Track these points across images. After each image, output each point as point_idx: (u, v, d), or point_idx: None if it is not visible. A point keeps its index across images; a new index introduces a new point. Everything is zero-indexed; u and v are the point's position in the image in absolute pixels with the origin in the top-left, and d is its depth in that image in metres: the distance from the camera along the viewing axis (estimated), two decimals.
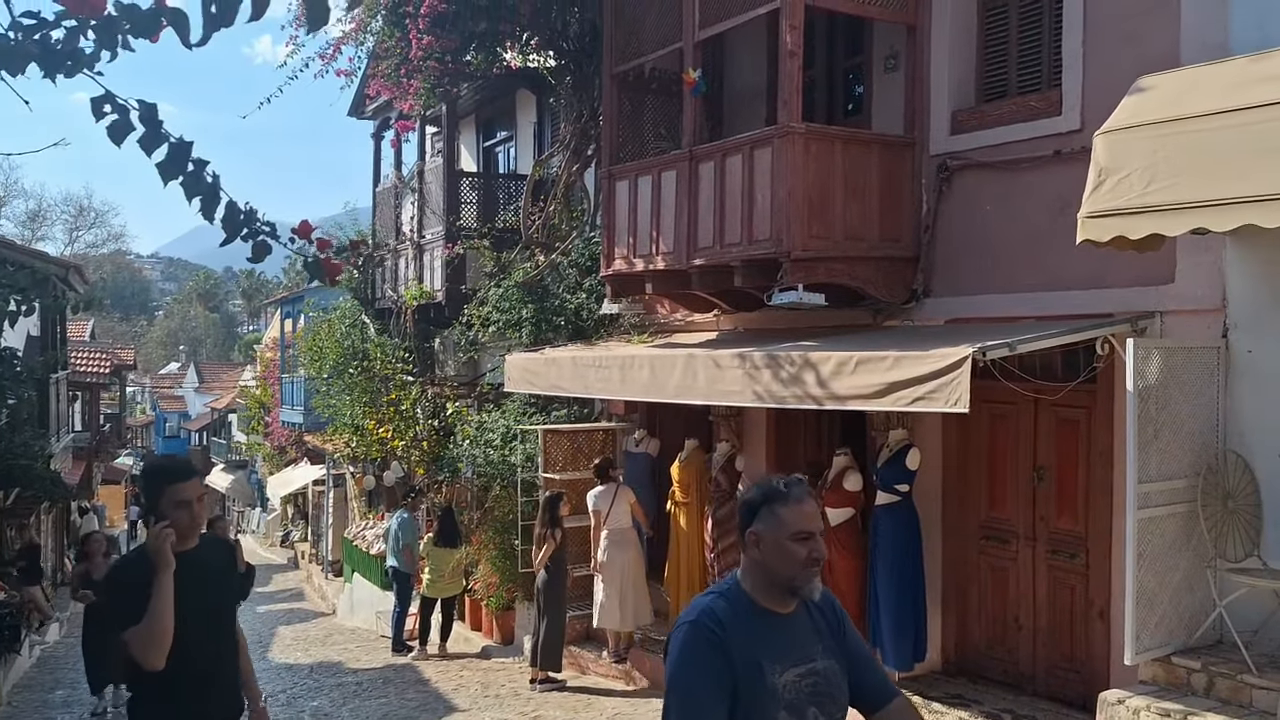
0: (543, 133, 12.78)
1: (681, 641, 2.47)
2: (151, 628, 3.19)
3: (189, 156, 2.25)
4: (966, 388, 5.44)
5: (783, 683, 2.44)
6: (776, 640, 2.48)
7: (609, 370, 8.43)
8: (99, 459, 25.04)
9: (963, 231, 7.25)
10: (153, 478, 3.40)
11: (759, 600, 2.52)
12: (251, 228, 2.37)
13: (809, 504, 2.56)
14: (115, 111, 2.17)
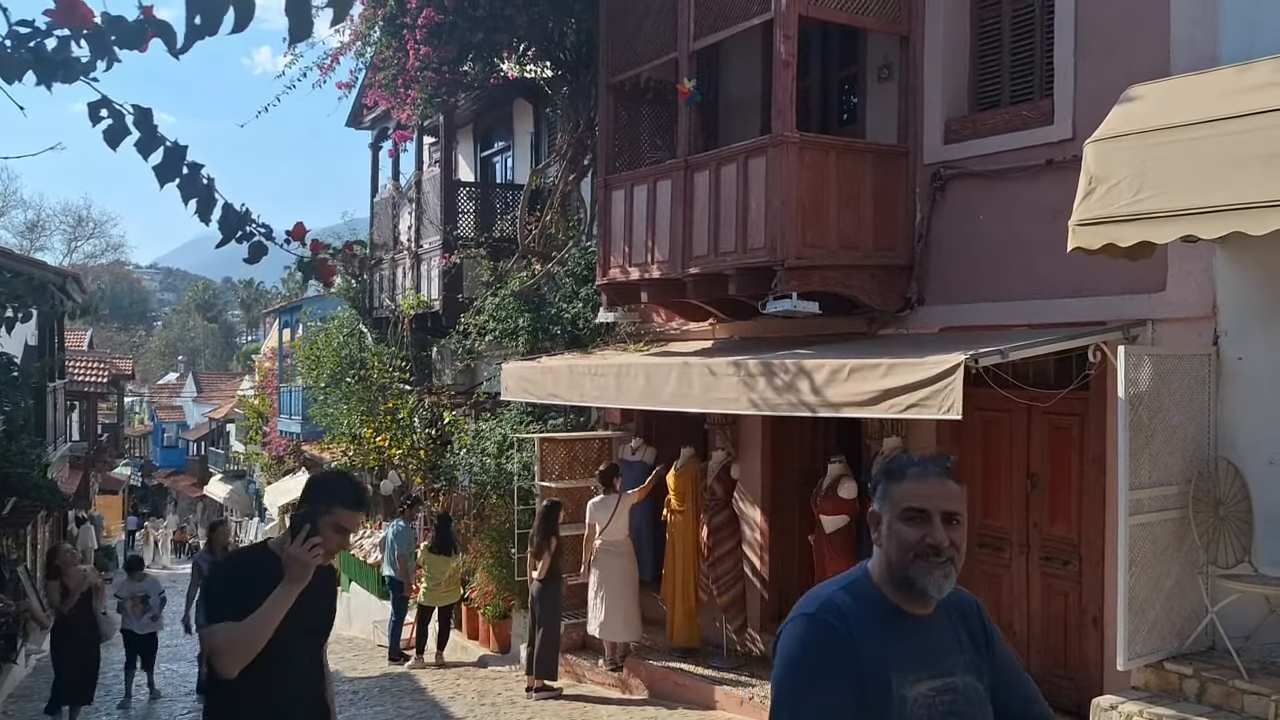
0: (539, 143, 12.84)
1: (796, 639, 2.09)
2: (247, 634, 2.97)
3: (184, 159, 2.28)
4: (959, 395, 5.48)
5: (913, 696, 2.06)
6: (909, 646, 2.10)
7: (605, 378, 8.46)
8: (96, 469, 25.02)
9: (956, 240, 7.29)
10: (328, 493, 3.16)
11: (888, 595, 2.14)
12: (247, 229, 2.39)
13: (934, 481, 2.13)
14: (111, 116, 2.20)
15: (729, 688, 7.98)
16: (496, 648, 11.24)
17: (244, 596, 3.00)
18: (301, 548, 3.01)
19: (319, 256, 2.49)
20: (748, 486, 8.98)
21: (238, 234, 2.38)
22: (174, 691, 10.90)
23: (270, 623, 2.98)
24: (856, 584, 2.16)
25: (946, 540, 2.08)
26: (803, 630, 2.08)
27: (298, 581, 3.02)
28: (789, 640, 2.09)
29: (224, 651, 2.97)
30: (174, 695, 10.70)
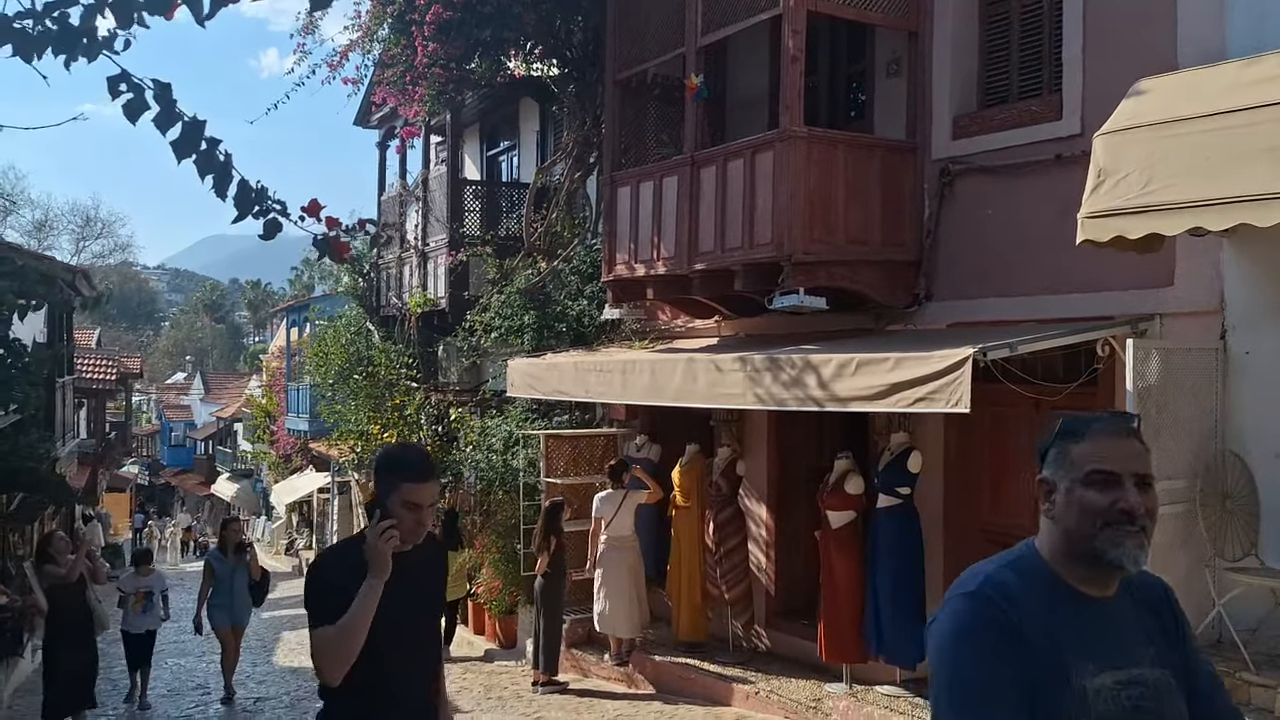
0: (545, 141, 12.86)
1: (955, 623, 1.83)
2: (341, 637, 2.75)
3: (202, 135, 2.30)
4: (968, 388, 5.48)
5: (1094, 688, 1.79)
6: (1088, 631, 1.84)
7: (610, 374, 8.47)
8: (105, 466, 25.10)
9: (964, 236, 7.29)
10: (389, 468, 2.91)
11: (1062, 574, 1.89)
12: (263, 205, 2.40)
13: (1121, 440, 1.89)
14: (130, 90, 2.21)
15: (735, 683, 7.98)
16: (502, 642, 11.26)
17: (341, 596, 2.78)
18: (375, 537, 2.79)
19: (333, 234, 2.50)
20: (753, 483, 8.98)
21: (253, 210, 2.39)
22: (181, 686, 10.92)
23: (360, 623, 2.76)
24: (1023, 561, 1.90)
25: (1141, 505, 1.83)
26: (963, 610, 1.82)
27: (380, 573, 2.79)
28: (946, 622, 1.84)
29: (319, 658, 2.79)
30: (181, 690, 10.72)
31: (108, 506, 31.78)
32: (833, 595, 7.35)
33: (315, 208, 2.44)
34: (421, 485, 2.86)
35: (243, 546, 9.92)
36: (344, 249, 2.56)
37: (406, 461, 2.94)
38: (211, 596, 9.64)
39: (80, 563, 8.68)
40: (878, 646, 7.13)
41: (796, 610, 8.78)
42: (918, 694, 6.95)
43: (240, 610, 9.72)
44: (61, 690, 8.43)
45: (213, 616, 9.65)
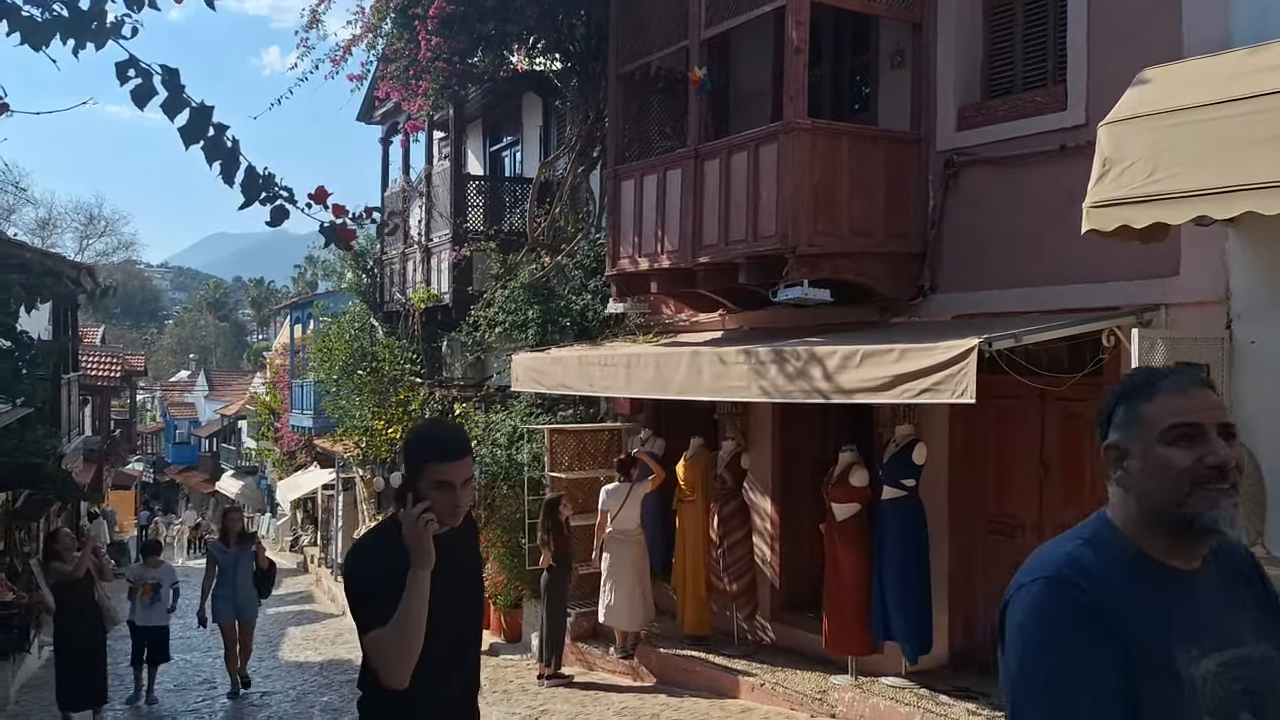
0: (548, 136, 12.85)
1: (1037, 611, 1.60)
2: (399, 638, 2.56)
3: (210, 121, 2.30)
4: (973, 378, 5.48)
5: (1202, 676, 1.58)
6: (1183, 610, 1.63)
7: (614, 368, 8.47)
8: (110, 463, 25.15)
9: (969, 227, 7.28)
10: (417, 448, 2.72)
11: (1144, 547, 1.68)
12: (270, 192, 2.40)
13: (1197, 390, 1.70)
14: (138, 75, 2.21)
15: (740, 675, 7.98)
16: (507, 636, 11.27)
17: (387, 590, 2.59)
18: (411, 523, 2.58)
19: (339, 221, 2.50)
20: (758, 476, 8.98)
21: (260, 197, 2.39)
22: (188, 681, 10.94)
23: (415, 619, 2.56)
24: (1099, 537, 1.70)
25: (1230, 458, 1.63)
26: (1044, 597, 1.60)
27: (424, 562, 2.58)
28: (1026, 613, 1.60)
29: (382, 664, 2.60)
30: (188, 684, 10.75)
31: (113, 504, 31.81)
32: (838, 588, 7.35)
33: (322, 195, 2.44)
34: (452, 463, 2.66)
35: (246, 535, 9.77)
36: (350, 236, 2.56)
37: (434, 439, 2.76)
38: (215, 588, 9.47)
39: (86, 559, 8.63)
40: (885, 636, 7.13)
41: (801, 603, 8.78)
42: (923, 685, 6.96)
43: (245, 603, 9.52)
44: (72, 686, 8.38)
45: (216, 609, 9.47)
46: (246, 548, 9.53)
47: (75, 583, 8.49)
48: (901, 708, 6.69)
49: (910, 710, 6.63)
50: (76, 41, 2.17)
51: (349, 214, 2.51)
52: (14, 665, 10.54)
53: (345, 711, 8.67)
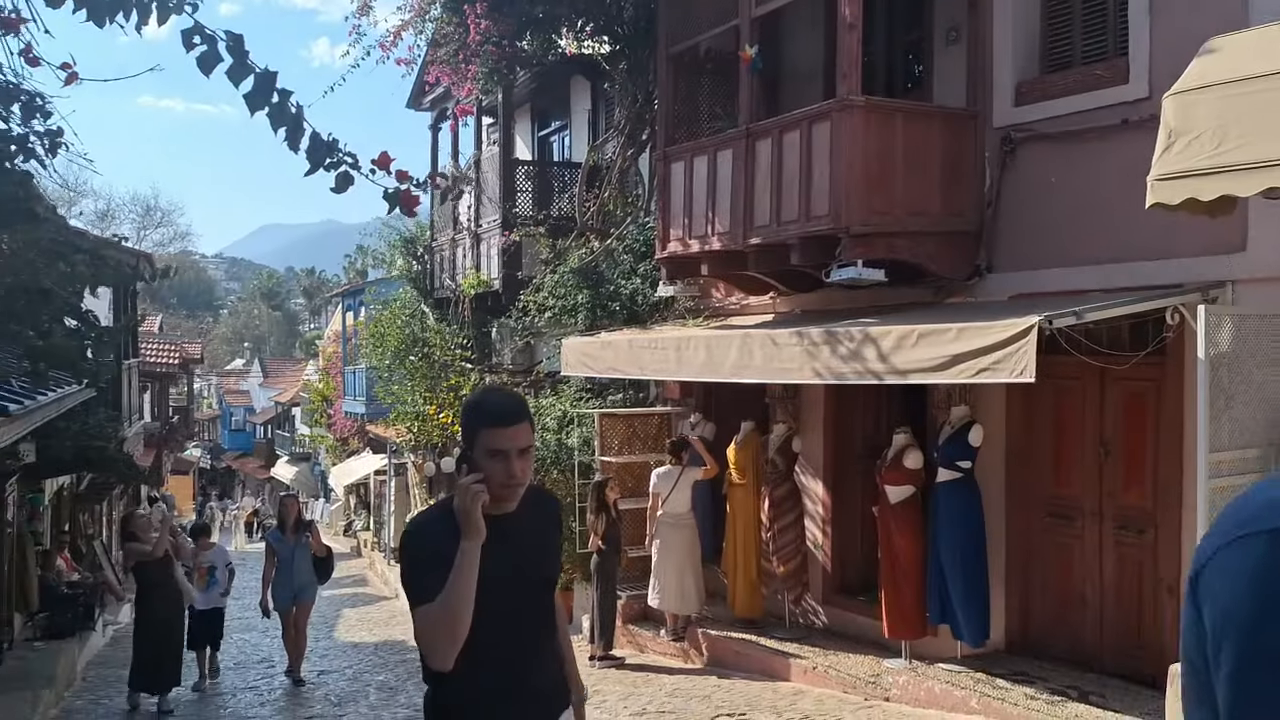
0: (597, 120, 12.83)
1: (1263, 572, 1.17)
2: (444, 614, 2.40)
3: (274, 87, 2.31)
4: (1032, 357, 5.38)
5: None
6: None
7: (665, 351, 8.45)
8: (169, 448, 25.70)
9: (1027, 205, 7.14)
10: (468, 416, 2.54)
11: None
12: (335, 157, 2.40)
13: None
14: (204, 42, 2.23)
15: (791, 658, 7.95)
16: None
17: (440, 567, 2.44)
18: (463, 495, 2.41)
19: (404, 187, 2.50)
20: (810, 459, 8.92)
21: (325, 162, 2.39)
22: (246, 659, 11.17)
23: (462, 596, 2.40)
24: None
25: None
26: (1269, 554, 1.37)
27: (472, 535, 2.42)
28: (1245, 572, 1.17)
29: (423, 640, 2.46)
30: (247, 663, 10.96)
31: (171, 489, 32.55)
32: (892, 571, 7.28)
33: (386, 160, 2.44)
34: (505, 429, 2.45)
35: (302, 523, 9.76)
36: (414, 202, 2.56)
37: (487, 405, 2.57)
38: (275, 575, 9.48)
39: (164, 539, 8.72)
40: (944, 619, 7.06)
41: (853, 587, 8.72)
42: (979, 670, 6.87)
43: (302, 588, 9.53)
44: (147, 668, 8.44)
45: (276, 596, 9.47)
46: (303, 535, 9.54)
47: (154, 563, 8.54)
48: (957, 691, 6.62)
49: (966, 694, 6.56)
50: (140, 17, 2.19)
51: (413, 180, 2.51)
52: (80, 642, 10.82)
53: (400, 690, 8.80)
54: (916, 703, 6.85)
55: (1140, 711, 5.89)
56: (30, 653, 9.62)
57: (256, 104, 2.28)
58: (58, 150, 3.56)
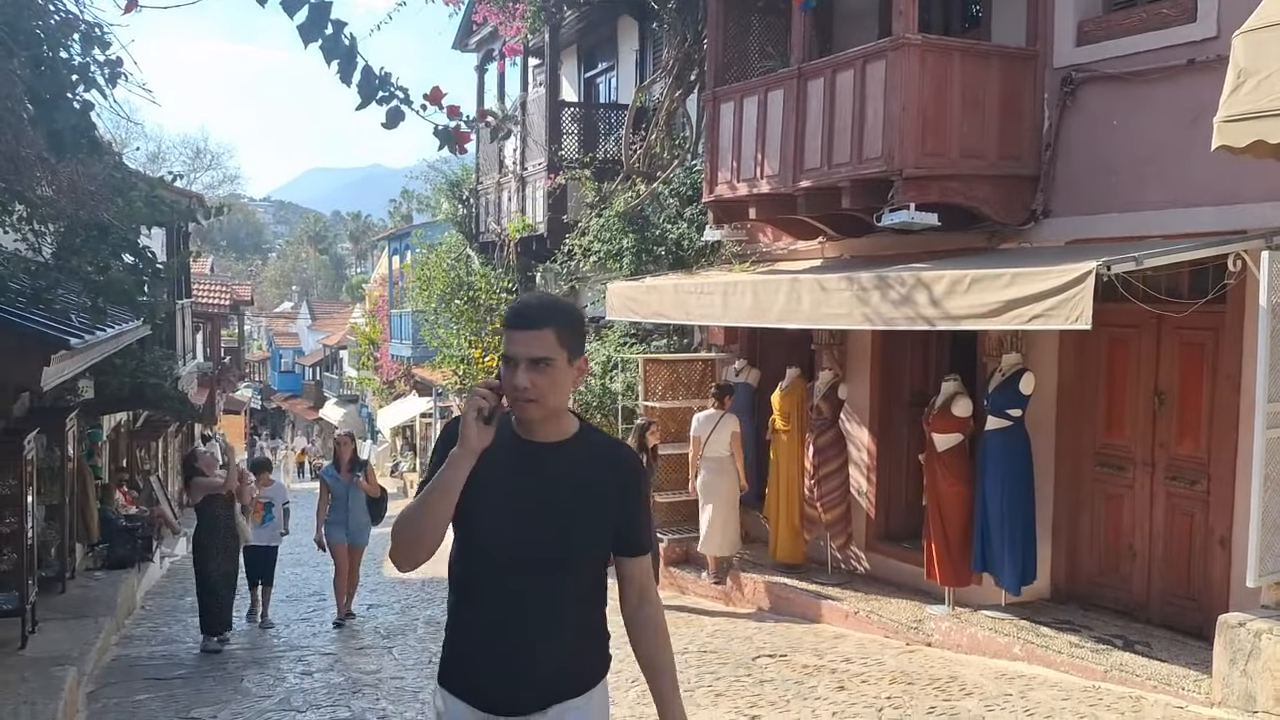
0: (644, 61, 12.66)
1: None
2: (409, 517, 2.27)
3: (328, 17, 2.29)
4: (1089, 303, 5.28)
5: None
6: None
7: (711, 296, 8.41)
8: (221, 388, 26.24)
9: (1087, 148, 6.96)
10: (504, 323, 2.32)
11: None
12: (387, 91, 2.38)
13: None
14: None
15: (832, 602, 7.99)
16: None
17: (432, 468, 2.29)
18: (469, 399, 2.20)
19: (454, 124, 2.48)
20: (855, 407, 8.87)
21: (378, 96, 2.38)
22: (299, 592, 11.45)
23: (435, 501, 2.23)
24: None
25: None
26: None
27: (463, 443, 2.21)
28: None
29: (394, 539, 2.31)
30: (299, 595, 11.24)
31: (224, 429, 33.26)
32: (939, 518, 7.25)
33: (438, 95, 2.42)
34: (515, 332, 2.23)
35: (358, 463, 9.46)
36: (464, 139, 2.54)
37: (513, 305, 2.35)
38: (329, 514, 9.26)
39: (233, 478, 8.49)
40: (987, 568, 7.04)
41: (898, 534, 8.71)
42: (1023, 618, 6.86)
43: (357, 529, 9.32)
44: (212, 611, 8.25)
45: (329, 533, 9.27)
46: (357, 475, 9.32)
47: (219, 500, 8.36)
48: (1000, 638, 6.62)
49: (1009, 640, 6.56)
50: None
51: (463, 116, 2.49)
52: (139, 574, 11.17)
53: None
54: (958, 648, 6.86)
55: (1187, 662, 5.85)
56: (92, 582, 9.96)
57: (310, 35, 2.27)
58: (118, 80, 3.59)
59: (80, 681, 6.66)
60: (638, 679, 6.65)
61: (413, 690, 6.70)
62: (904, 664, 6.61)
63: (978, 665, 6.48)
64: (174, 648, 8.20)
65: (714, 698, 6.16)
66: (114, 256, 3.91)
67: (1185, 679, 5.62)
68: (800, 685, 6.29)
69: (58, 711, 5.58)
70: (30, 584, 7.55)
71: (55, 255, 3.99)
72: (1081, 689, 5.79)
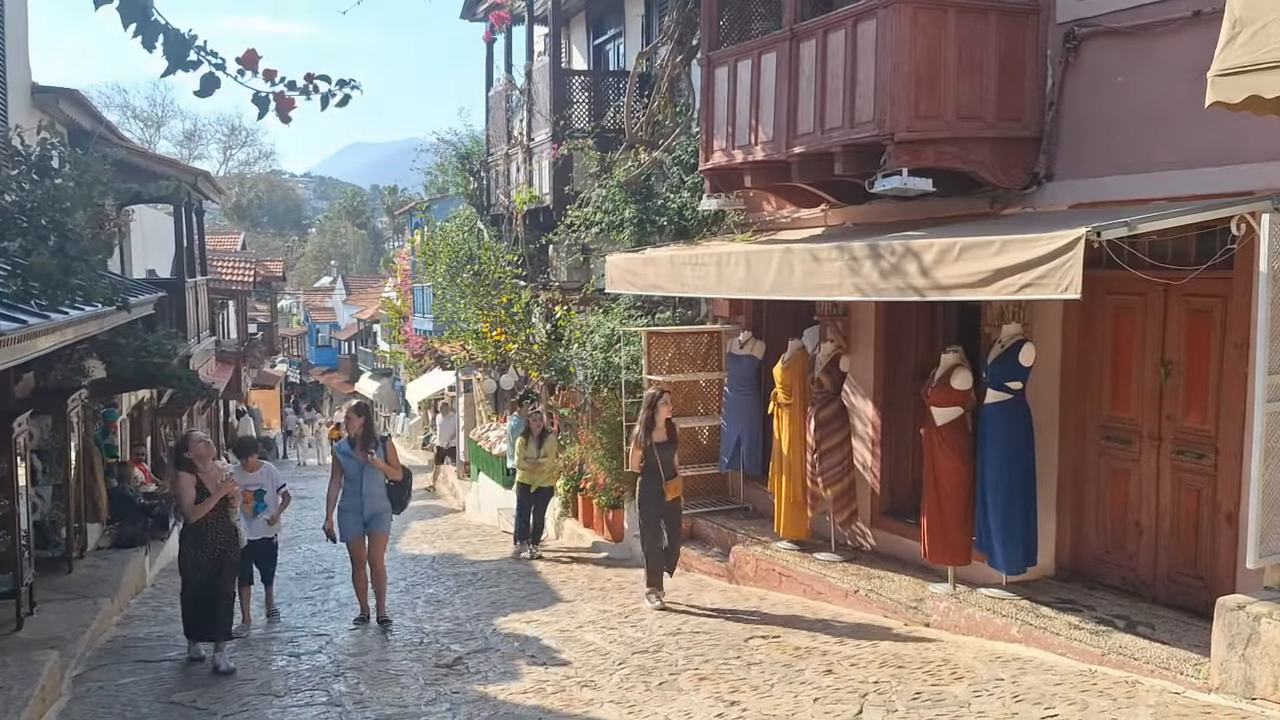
0: (650, 26, 12.36)
1: None
2: None
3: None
4: (1079, 271, 5.02)
5: None
6: None
7: (705, 268, 8.20)
8: (248, 364, 26.44)
9: (1090, 107, 6.62)
10: None
11: None
12: (197, 57, 2.19)
13: None
14: None
15: (834, 579, 7.80)
16: (610, 536, 11.38)
17: None
18: None
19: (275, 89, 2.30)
20: (859, 379, 8.63)
21: (185, 63, 2.20)
22: (309, 570, 11.48)
23: None
24: None
25: None
26: None
27: None
28: None
29: None
30: (309, 573, 11.26)
31: (258, 403, 33.63)
32: (936, 495, 7.02)
33: (252, 59, 2.23)
34: None
35: (372, 438, 8.06)
36: (288, 105, 2.35)
37: None
38: (341, 499, 7.93)
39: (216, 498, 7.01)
40: (984, 547, 6.81)
41: (903, 510, 8.48)
42: (1025, 597, 6.63)
43: (374, 515, 7.99)
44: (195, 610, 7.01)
45: (342, 522, 7.93)
46: (372, 453, 7.94)
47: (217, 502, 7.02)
48: (998, 619, 6.39)
49: (1007, 621, 6.33)
50: None
51: (282, 80, 2.29)
52: (153, 551, 11.25)
53: (446, 603, 8.94)
54: (956, 629, 6.65)
55: (1189, 644, 5.59)
56: (101, 561, 10.03)
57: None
58: None
59: (67, 665, 6.68)
60: (625, 661, 6.57)
61: (394, 674, 6.63)
62: (897, 647, 6.42)
63: (974, 647, 6.27)
64: (170, 629, 8.21)
65: (697, 681, 6.03)
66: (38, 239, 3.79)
67: (1185, 663, 5.37)
68: (788, 668, 6.14)
69: (31, 697, 5.58)
70: (26, 565, 7.59)
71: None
72: (1076, 673, 5.57)
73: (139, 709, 6.06)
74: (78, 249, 3.84)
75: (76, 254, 3.81)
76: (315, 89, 2.42)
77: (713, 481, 10.32)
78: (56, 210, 3.85)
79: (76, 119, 10.84)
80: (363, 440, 8.00)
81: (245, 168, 65.65)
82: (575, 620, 7.86)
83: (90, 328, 6.33)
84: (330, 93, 2.33)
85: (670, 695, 5.82)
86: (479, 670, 6.66)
